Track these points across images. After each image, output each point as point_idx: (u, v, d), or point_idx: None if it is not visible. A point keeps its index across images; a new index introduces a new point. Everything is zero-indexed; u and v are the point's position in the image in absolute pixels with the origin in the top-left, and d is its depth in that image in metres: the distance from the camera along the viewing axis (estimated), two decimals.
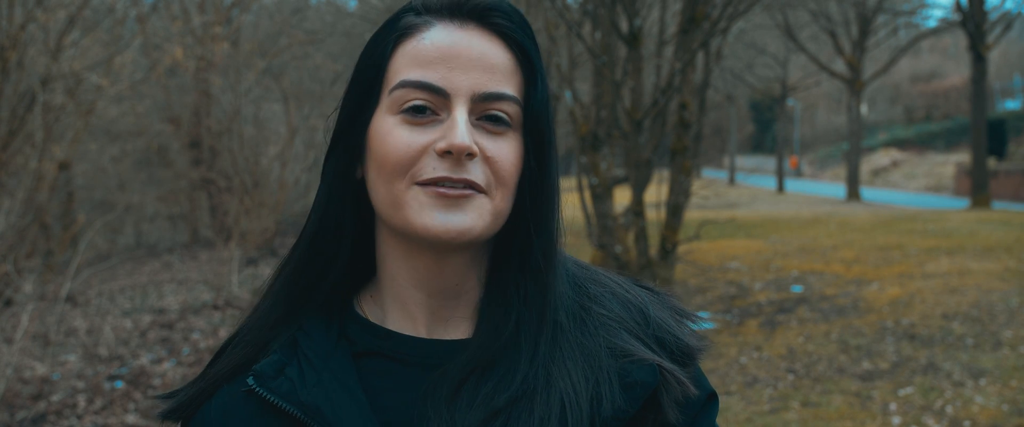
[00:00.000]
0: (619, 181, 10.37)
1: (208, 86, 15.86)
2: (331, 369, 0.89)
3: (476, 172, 0.85)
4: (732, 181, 37.50)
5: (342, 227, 0.92)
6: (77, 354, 7.67)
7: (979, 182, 19.79)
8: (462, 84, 0.85)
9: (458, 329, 0.92)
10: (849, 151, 28.24)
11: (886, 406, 5.49)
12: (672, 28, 11.06)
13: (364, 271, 0.96)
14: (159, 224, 20.07)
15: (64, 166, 12.44)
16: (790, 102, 37.73)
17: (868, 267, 10.38)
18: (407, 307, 0.92)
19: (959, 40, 37.49)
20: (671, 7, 12.14)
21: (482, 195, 0.85)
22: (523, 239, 0.89)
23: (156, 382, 6.86)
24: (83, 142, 12.92)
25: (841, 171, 37.14)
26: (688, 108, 8.84)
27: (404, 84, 0.86)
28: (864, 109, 33.67)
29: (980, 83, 19.88)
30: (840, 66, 29.01)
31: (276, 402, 0.87)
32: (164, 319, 9.66)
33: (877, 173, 36.80)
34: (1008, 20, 21.93)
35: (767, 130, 45.24)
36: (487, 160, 0.86)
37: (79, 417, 5.96)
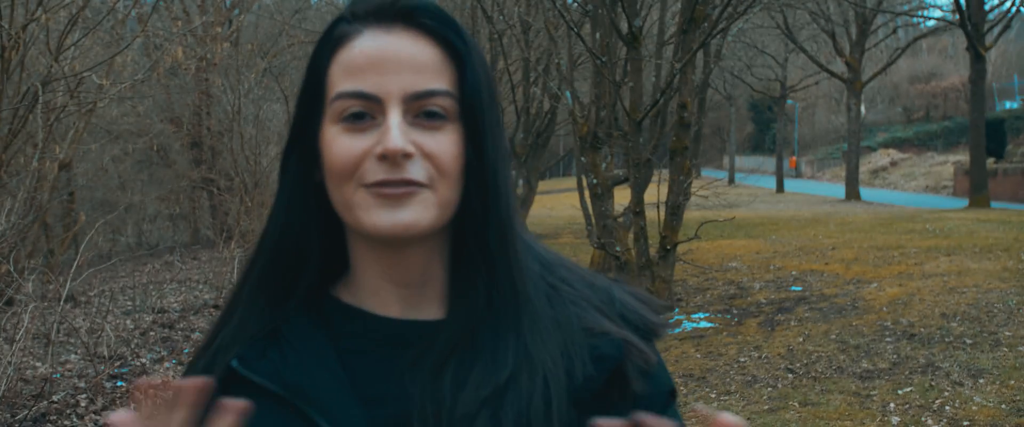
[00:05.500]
0: (619, 181, 10.38)
1: (209, 86, 15.88)
2: (312, 350, 0.94)
3: (416, 170, 0.88)
4: (732, 181, 37.49)
5: (308, 228, 0.96)
6: (78, 354, 7.68)
7: (978, 182, 19.81)
8: (393, 87, 0.89)
9: (429, 311, 0.97)
10: (848, 151, 28.27)
11: (885, 406, 5.51)
12: (672, 28, 11.07)
13: (341, 265, 1.01)
14: (160, 224, 20.08)
15: (65, 166, 12.44)
16: (789, 102, 37.74)
17: (867, 267, 10.40)
18: (379, 295, 0.97)
19: (958, 40, 37.51)
20: (671, 7, 12.15)
21: (425, 189, 0.89)
22: (475, 223, 0.92)
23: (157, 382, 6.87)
24: (84, 142, 12.92)
25: (840, 171, 37.15)
26: (688, 108, 8.85)
27: (340, 95, 0.90)
28: (863, 109, 33.67)
29: (979, 83, 19.91)
30: (839, 66, 29.03)
31: (260, 382, 0.92)
32: (165, 319, 9.68)
33: (876, 173, 36.83)
34: (1006, 20, 21.95)
35: (767, 130, 45.22)
36: (427, 156, 0.89)
37: (80, 417, 5.97)
